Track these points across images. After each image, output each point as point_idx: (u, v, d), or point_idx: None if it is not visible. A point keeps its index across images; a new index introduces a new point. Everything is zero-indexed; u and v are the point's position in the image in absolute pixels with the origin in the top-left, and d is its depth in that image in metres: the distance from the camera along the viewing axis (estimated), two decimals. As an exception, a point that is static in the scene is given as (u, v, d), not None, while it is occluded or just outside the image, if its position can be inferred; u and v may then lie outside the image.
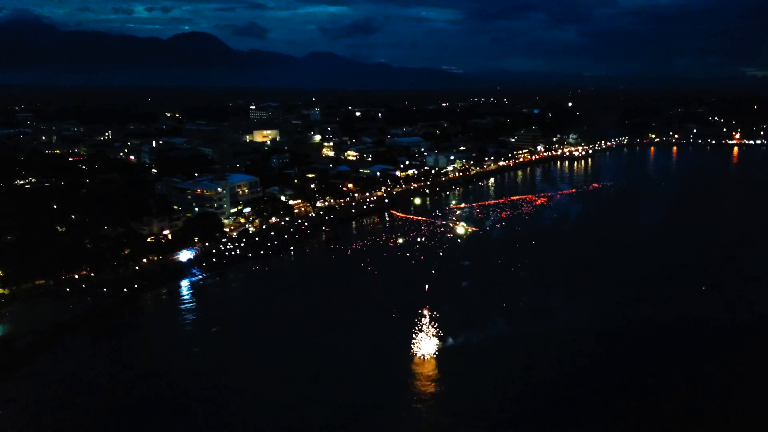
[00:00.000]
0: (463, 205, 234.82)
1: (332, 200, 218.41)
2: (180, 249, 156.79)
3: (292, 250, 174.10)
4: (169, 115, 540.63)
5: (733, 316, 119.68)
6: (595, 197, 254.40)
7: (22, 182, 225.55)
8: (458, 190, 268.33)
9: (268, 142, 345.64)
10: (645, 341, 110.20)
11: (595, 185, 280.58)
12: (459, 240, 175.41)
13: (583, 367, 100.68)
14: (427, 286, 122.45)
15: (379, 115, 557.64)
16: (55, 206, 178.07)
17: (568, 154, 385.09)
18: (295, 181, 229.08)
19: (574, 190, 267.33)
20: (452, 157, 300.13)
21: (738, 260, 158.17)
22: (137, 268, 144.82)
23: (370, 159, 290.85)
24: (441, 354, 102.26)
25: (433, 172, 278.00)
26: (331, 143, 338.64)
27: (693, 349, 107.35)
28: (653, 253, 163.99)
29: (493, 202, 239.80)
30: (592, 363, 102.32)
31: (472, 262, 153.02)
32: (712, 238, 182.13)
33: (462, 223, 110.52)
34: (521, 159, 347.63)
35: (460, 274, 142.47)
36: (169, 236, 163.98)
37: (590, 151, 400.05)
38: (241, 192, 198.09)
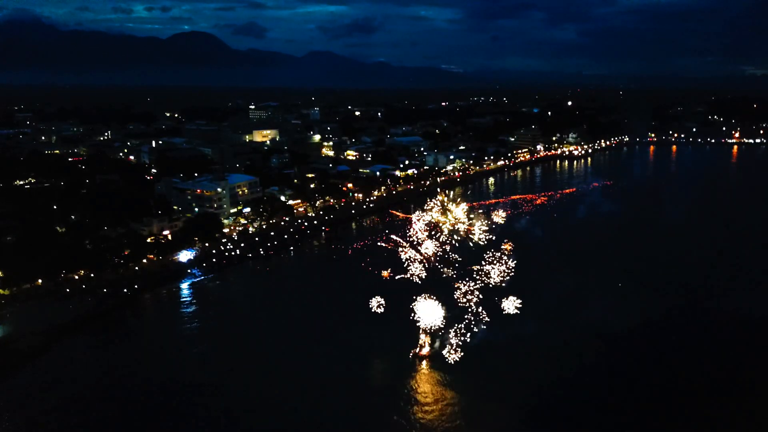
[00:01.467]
0: (463, 204, 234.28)
1: (332, 200, 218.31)
2: (180, 249, 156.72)
3: (292, 250, 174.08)
4: (168, 115, 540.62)
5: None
6: (596, 196, 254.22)
7: (21, 182, 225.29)
8: (458, 190, 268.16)
9: (268, 142, 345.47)
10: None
11: (596, 184, 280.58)
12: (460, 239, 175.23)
13: (595, 367, 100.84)
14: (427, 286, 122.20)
15: (379, 114, 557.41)
16: (54, 206, 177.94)
17: (567, 153, 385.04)
18: (295, 181, 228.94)
19: (574, 189, 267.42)
20: (452, 157, 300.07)
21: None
22: (137, 268, 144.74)
23: (369, 159, 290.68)
24: (444, 353, 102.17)
25: (433, 171, 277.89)
26: (331, 143, 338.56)
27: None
28: (666, 249, 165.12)
29: (493, 201, 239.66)
30: (604, 363, 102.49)
31: (474, 261, 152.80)
32: (718, 236, 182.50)
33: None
34: (521, 158, 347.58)
35: (461, 273, 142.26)
36: (169, 236, 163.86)
37: (590, 151, 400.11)
38: (240, 192, 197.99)
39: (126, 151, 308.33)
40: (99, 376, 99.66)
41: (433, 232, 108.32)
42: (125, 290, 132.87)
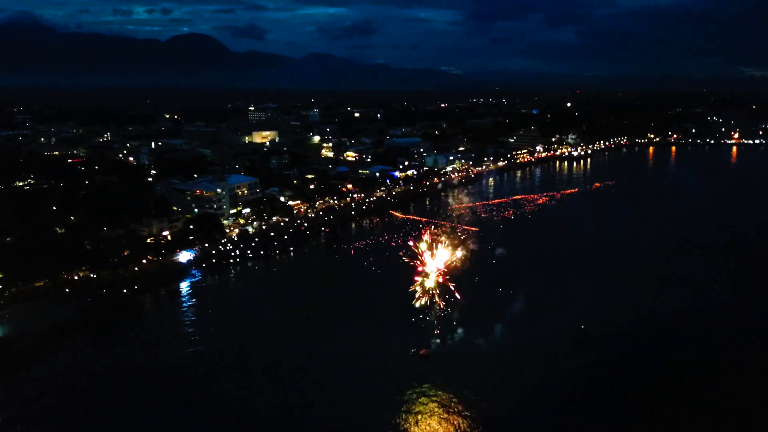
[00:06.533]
0: (463, 204, 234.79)
1: (332, 201, 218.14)
2: (180, 250, 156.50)
3: (291, 250, 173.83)
4: (167, 116, 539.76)
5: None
6: (597, 197, 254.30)
7: (21, 184, 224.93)
8: (458, 191, 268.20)
9: (267, 143, 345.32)
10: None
11: (597, 185, 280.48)
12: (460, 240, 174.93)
13: (595, 365, 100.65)
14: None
15: (378, 115, 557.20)
16: (54, 208, 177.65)
17: (567, 154, 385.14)
18: (295, 181, 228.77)
19: (576, 190, 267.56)
20: (451, 158, 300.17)
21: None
22: (137, 269, 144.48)
23: (369, 160, 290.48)
24: (443, 353, 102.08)
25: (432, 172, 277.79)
26: (330, 144, 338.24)
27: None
28: (653, 251, 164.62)
29: (495, 201, 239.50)
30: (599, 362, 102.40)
31: (476, 262, 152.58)
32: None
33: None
34: (520, 159, 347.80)
35: (459, 273, 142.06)
36: (169, 237, 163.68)
37: (589, 152, 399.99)
38: (240, 193, 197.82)
39: (125, 152, 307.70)
40: (99, 376, 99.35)
41: (436, 230, 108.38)
42: (125, 291, 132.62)
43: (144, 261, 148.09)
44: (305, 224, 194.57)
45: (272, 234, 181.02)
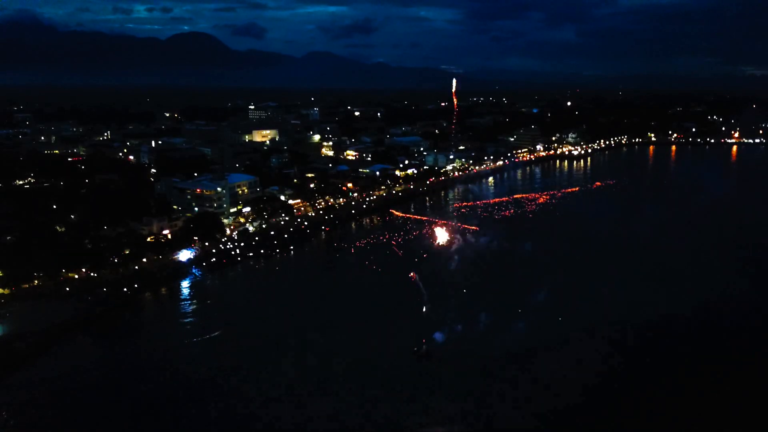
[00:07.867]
0: (463, 203, 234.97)
1: (332, 200, 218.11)
2: (180, 249, 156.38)
3: (292, 249, 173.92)
4: (168, 115, 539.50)
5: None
6: (598, 195, 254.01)
7: (21, 182, 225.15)
8: (458, 190, 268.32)
9: (268, 142, 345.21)
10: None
11: (598, 184, 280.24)
12: (459, 239, 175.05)
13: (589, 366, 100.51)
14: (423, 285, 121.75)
15: (378, 114, 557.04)
16: (54, 206, 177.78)
17: (567, 153, 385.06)
18: (295, 180, 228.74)
19: (577, 189, 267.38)
20: (451, 157, 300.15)
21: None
22: (137, 268, 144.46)
23: (369, 158, 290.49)
24: (444, 353, 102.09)
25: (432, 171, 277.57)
26: (331, 143, 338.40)
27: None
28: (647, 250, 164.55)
29: (495, 200, 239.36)
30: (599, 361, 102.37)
31: (476, 261, 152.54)
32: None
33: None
34: (520, 158, 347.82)
35: (461, 273, 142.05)
36: (169, 236, 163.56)
37: (589, 151, 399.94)
38: (240, 192, 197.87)
39: (125, 151, 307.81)
40: (99, 375, 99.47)
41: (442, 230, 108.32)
42: (125, 290, 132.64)
43: (144, 260, 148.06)
44: (305, 223, 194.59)
45: (272, 233, 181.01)
